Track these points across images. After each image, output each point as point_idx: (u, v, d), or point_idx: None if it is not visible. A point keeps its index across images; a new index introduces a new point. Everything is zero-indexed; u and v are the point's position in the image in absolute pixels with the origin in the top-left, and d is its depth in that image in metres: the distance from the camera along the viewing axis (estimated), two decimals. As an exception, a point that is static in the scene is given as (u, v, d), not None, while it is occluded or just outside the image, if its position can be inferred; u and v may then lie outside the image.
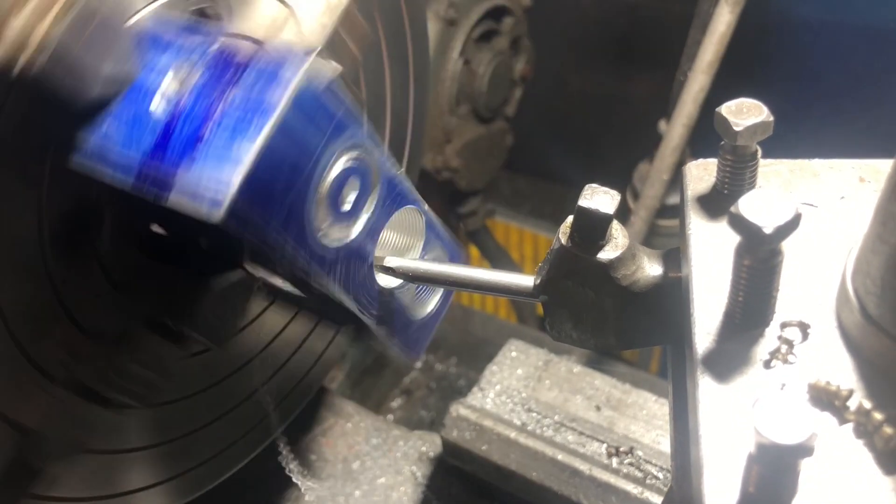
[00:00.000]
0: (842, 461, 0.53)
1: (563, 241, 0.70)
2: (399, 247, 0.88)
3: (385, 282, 0.85)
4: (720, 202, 0.68)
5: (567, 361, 1.35)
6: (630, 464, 1.17)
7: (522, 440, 1.20)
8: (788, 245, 0.55)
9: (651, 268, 0.72)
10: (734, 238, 0.55)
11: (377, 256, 0.83)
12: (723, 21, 1.51)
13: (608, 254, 0.69)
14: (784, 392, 0.55)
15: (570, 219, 0.70)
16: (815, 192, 0.69)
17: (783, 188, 0.70)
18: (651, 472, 1.15)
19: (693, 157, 1.42)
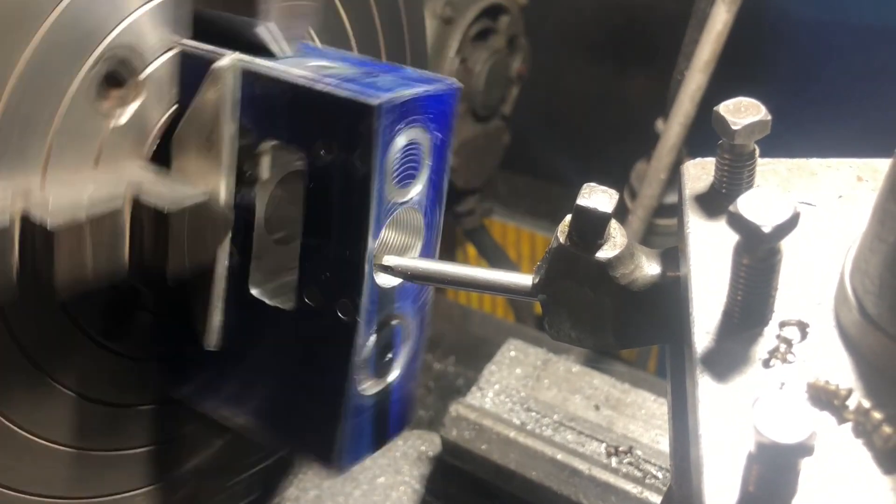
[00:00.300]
0: (841, 460, 0.53)
1: (562, 241, 0.70)
2: (399, 246, 0.88)
3: (385, 281, 0.85)
4: (718, 201, 0.68)
5: (566, 361, 1.35)
6: (629, 463, 1.17)
7: (522, 439, 1.20)
8: (787, 244, 0.55)
9: (649, 267, 0.72)
10: (733, 237, 0.55)
11: (377, 257, 0.83)
12: (720, 20, 1.51)
13: (606, 253, 0.69)
14: (783, 391, 0.55)
15: (569, 218, 0.70)
16: (813, 192, 0.69)
17: (781, 187, 0.70)
18: (650, 472, 1.15)
19: (690, 157, 1.42)
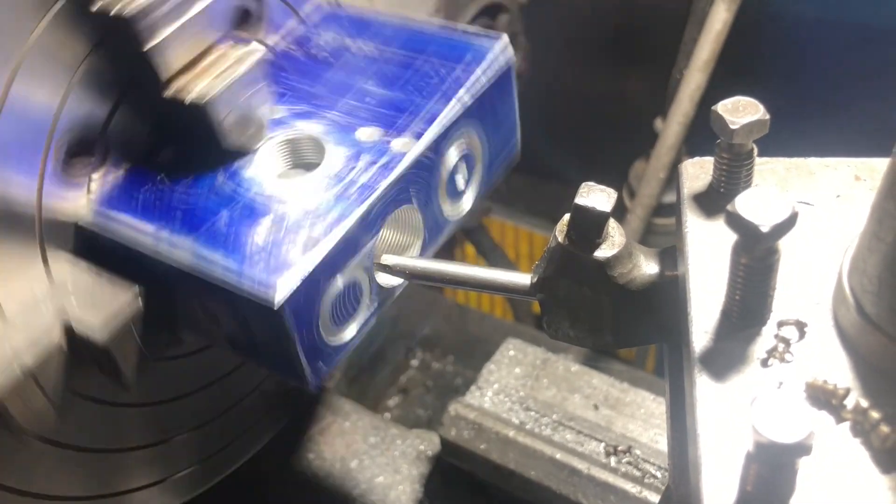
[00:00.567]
0: (839, 459, 0.53)
1: (560, 240, 0.70)
2: (398, 245, 0.88)
3: (384, 280, 0.85)
4: (717, 200, 0.68)
5: (565, 360, 1.34)
6: (628, 462, 1.17)
7: (521, 439, 1.20)
8: (785, 243, 0.55)
9: (648, 266, 0.72)
10: (731, 236, 0.55)
11: (376, 255, 0.83)
12: (719, 19, 1.51)
13: (605, 252, 0.69)
14: (781, 390, 0.55)
15: (567, 217, 0.70)
16: (811, 191, 0.69)
17: (779, 186, 0.70)
18: (649, 471, 1.15)
19: (689, 156, 1.42)
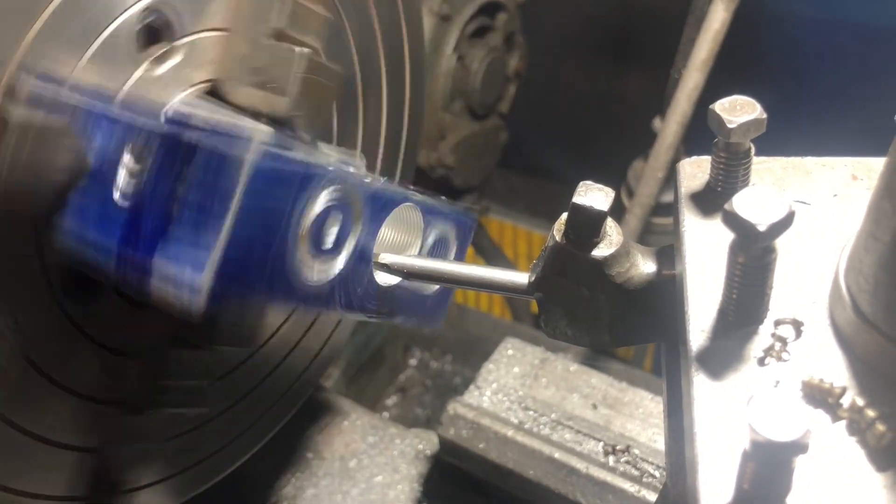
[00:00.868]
0: (835, 458, 0.53)
1: (558, 239, 0.70)
2: (398, 244, 0.88)
3: (385, 279, 0.85)
4: (714, 200, 0.68)
5: (563, 359, 1.35)
6: (626, 462, 1.17)
7: (519, 438, 1.20)
8: (782, 243, 0.55)
9: (645, 265, 0.72)
10: (728, 235, 0.55)
11: (375, 254, 0.83)
12: (717, 18, 1.51)
13: (602, 251, 0.69)
14: (778, 389, 0.55)
15: (565, 216, 0.70)
16: (808, 190, 0.69)
17: (776, 186, 0.70)
18: (647, 471, 1.16)
19: (687, 155, 1.42)
